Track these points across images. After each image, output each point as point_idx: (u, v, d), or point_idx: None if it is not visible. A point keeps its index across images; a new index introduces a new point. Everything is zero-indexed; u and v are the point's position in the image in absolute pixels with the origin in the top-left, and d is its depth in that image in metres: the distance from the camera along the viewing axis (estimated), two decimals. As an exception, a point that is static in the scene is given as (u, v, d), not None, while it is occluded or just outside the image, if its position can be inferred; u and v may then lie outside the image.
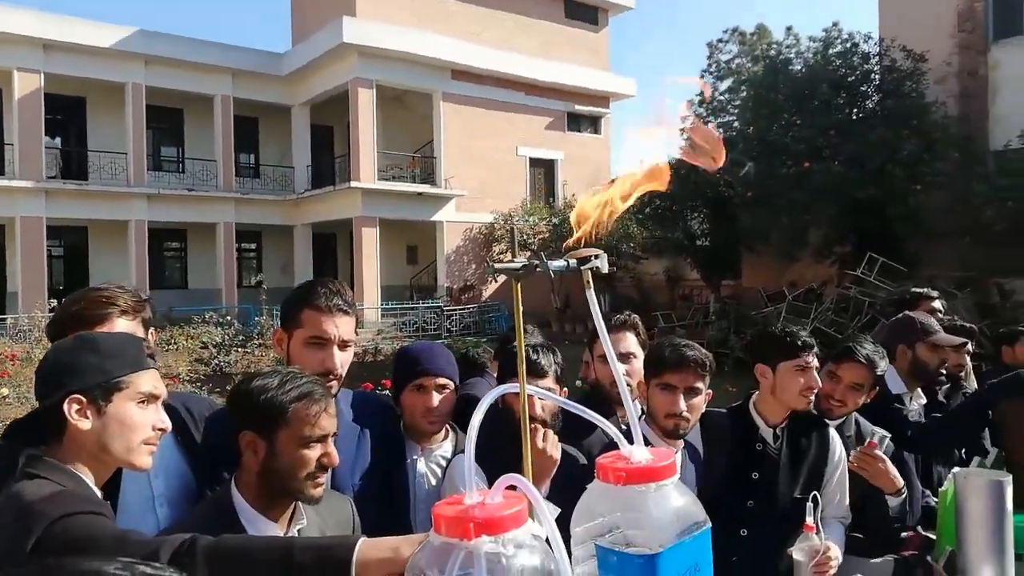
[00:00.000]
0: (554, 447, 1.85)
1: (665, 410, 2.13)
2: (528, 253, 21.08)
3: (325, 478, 1.56)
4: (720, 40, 17.93)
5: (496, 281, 21.83)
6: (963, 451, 3.08)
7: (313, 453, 1.51)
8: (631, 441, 0.90)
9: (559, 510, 1.47)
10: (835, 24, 14.87)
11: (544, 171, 24.47)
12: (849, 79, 14.07)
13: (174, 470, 1.77)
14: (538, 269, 0.88)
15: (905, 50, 13.73)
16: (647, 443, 2.14)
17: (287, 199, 22.69)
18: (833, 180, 12.52)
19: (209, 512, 1.56)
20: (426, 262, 23.36)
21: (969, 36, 13.92)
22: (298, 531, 1.56)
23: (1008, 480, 2.13)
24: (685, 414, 2.12)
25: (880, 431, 2.48)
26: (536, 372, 2.01)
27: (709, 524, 0.89)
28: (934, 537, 2.57)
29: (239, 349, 14.62)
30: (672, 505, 0.86)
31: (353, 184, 20.18)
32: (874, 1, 15.43)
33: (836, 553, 2.15)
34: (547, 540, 0.77)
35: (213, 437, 1.79)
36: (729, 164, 14.90)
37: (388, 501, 2.00)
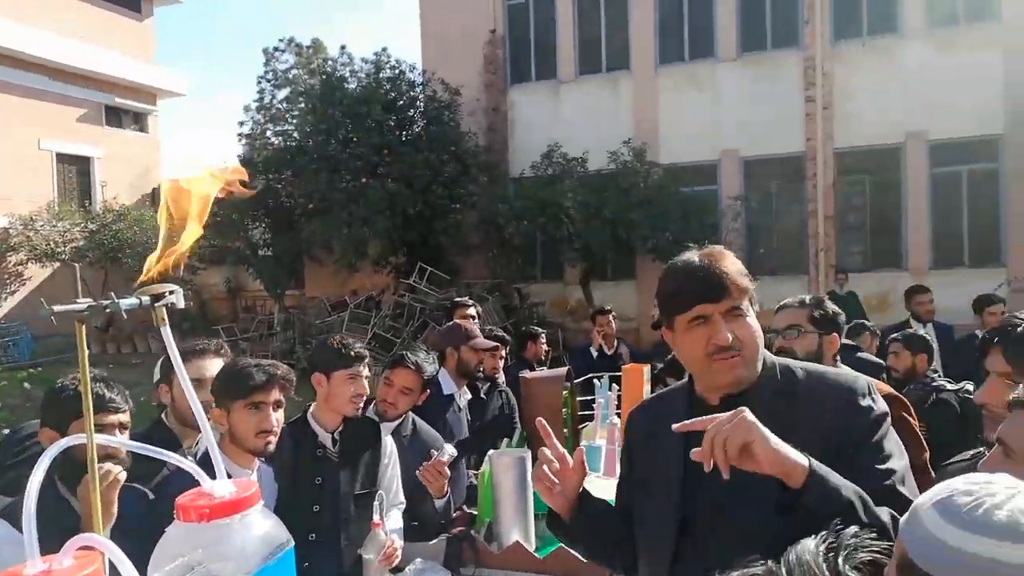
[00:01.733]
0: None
1: (256, 428, 2.14)
2: (57, 264, 18.17)
3: None
4: (276, 48, 17.81)
5: (10, 294, 18.26)
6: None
7: None
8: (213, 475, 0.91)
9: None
10: (384, 49, 15.84)
11: (77, 169, 21.24)
12: (398, 103, 15.22)
13: None
14: (107, 310, 0.83)
15: (444, 83, 15.42)
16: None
17: None
18: (387, 196, 13.50)
19: None
20: (-94, 276, 18.34)
21: (493, 77, 16.28)
22: None
23: (528, 455, 2.63)
24: (275, 429, 2.18)
25: (449, 448, 2.83)
26: (114, 409, 1.94)
27: (292, 543, 0.94)
28: (476, 513, 3.03)
29: None
30: (257, 532, 0.89)
31: None
32: (417, 33, 17.05)
33: (399, 543, 2.45)
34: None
35: None
36: (292, 174, 14.98)
37: None
